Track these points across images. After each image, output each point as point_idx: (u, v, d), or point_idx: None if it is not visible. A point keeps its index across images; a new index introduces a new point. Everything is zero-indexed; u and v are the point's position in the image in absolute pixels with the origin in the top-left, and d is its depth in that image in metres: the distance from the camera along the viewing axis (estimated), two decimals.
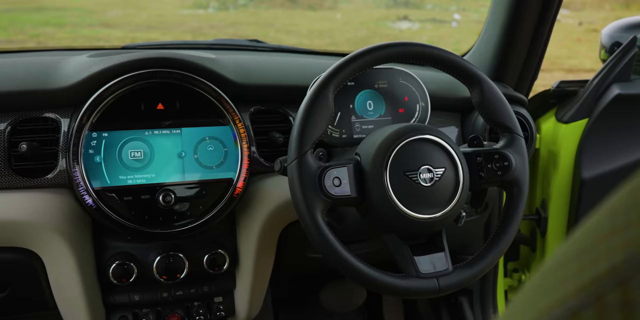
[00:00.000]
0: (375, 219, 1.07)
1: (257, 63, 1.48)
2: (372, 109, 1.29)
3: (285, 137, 1.28)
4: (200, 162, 1.23)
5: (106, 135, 1.17)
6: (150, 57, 1.20)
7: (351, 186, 1.04)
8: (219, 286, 1.36)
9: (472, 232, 1.71)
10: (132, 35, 10.17)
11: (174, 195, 1.20)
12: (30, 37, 9.65)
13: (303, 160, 1.02)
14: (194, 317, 1.34)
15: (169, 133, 1.21)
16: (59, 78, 1.21)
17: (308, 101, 1.06)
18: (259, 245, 1.30)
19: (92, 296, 1.25)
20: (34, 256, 1.22)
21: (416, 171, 1.05)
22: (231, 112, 1.24)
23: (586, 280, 0.26)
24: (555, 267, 0.29)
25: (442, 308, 1.99)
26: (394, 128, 1.09)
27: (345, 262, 1.01)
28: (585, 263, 0.27)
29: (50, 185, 1.18)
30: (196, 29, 11.37)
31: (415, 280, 1.05)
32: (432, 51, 1.14)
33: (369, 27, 12.09)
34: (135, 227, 1.18)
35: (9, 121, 1.17)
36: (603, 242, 0.27)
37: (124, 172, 1.18)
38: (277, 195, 1.26)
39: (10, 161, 1.16)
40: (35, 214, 1.15)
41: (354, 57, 1.09)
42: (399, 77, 1.31)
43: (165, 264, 1.23)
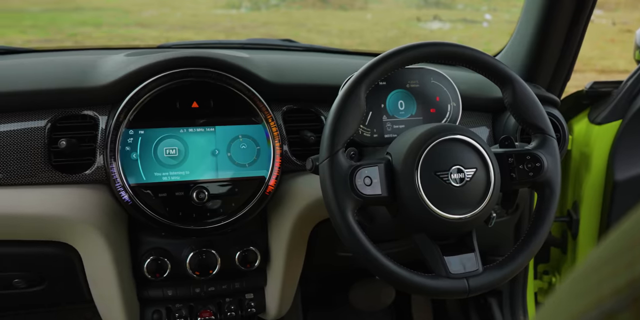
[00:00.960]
0: (405, 219, 1.06)
1: (290, 62, 1.48)
2: (404, 108, 1.28)
3: (316, 136, 1.29)
4: (233, 160, 1.23)
5: (142, 132, 1.19)
6: (186, 56, 1.21)
7: (382, 186, 1.03)
8: (250, 283, 1.36)
9: (502, 233, 1.69)
10: (166, 35, 10.28)
11: (208, 192, 1.21)
12: (68, 37, 9.82)
13: (335, 159, 1.02)
14: (225, 312, 1.35)
15: (203, 131, 1.22)
16: (97, 76, 1.23)
17: (340, 100, 1.06)
18: (290, 243, 1.31)
19: (127, 290, 1.27)
20: (72, 250, 1.24)
21: (447, 171, 1.04)
22: (264, 111, 1.24)
23: (622, 283, 0.26)
24: (589, 270, 0.29)
25: (471, 309, 1.97)
26: (425, 128, 1.08)
27: (375, 261, 1.01)
28: (620, 266, 0.26)
29: (88, 181, 1.20)
30: (229, 28, 11.45)
31: (445, 280, 1.04)
32: (464, 51, 1.12)
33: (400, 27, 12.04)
34: (169, 224, 1.19)
35: (49, 118, 1.20)
36: (638, 246, 0.26)
37: (159, 169, 1.20)
38: (309, 193, 1.27)
39: (50, 157, 1.19)
40: (73, 209, 1.17)
41: (386, 57, 1.09)
42: (430, 77, 1.30)
43: (198, 260, 1.25)
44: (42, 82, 1.23)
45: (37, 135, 1.18)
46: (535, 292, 1.95)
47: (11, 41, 8.79)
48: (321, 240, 1.39)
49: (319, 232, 1.35)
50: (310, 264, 1.41)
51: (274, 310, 1.40)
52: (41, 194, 1.17)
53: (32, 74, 1.28)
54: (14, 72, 1.29)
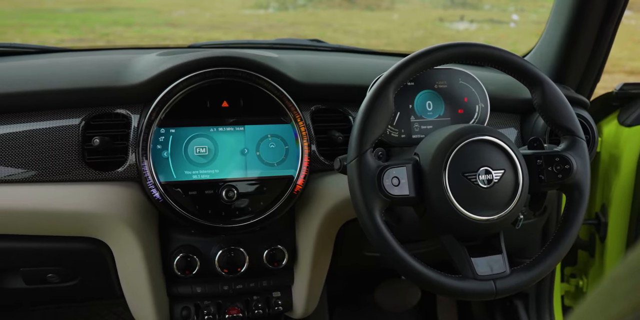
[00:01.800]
0: (432, 220, 1.06)
1: (318, 62, 1.48)
2: (432, 109, 1.27)
3: (344, 136, 1.28)
4: (262, 159, 1.24)
5: (173, 131, 1.20)
6: (217, 56, 1.22)
7: (410, 186, 1.03)
8: (278, 281, 1.37)
9: (529, 235, 1.67)
10: (195, 35, 10.36)
11: (237, 190, 1.22)
12: (100, 36, 9.94)
13: (363, 159, 1.02)
14: (252, 310, 1.35)
15: (233, 130, 1.23)
16: (130, 75, 1.24)
17: (369, 101, 1.05)
18: (317, 242, 1.31)
19: (157, 286, 1.28)
20: (104, 246, 1.25)
21: (475, 172, 1.03)
22: (293, 111, 1.24)
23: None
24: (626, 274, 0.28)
25: (497, 311, 1.95)
26: (453, 129, 1.08)
27: (403, 261, 1.00)
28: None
29: (120, 178, 1.21)
30: (256, 28, 11.50)
31: (472, 282, 1.03)
32: (492, 52, 1.11)
33: (426, 28, 11.97)
34: (199, 221, 1.20)
35: (83, 116, 1.21)
36: None
37: (189, 167, 1.20)
38: (336, 193, 1.26)
39: (84, 155, 1.20)
40: (106, 206, 1.18)
41: (415, 58, 1.08)
42: (458, 78, 1.29)
43: (226, 257, 1.25)
44: (76, 80, 1.24)
45: (72, 132, 1.19)
46: (562, 295, 1.92)
47: (45, 40, 8.93)
48: (348, 239, 1.38)
49: (345, 231, 1.35)
50: (336, 263, 1.41)
51: (301, 309, 1.40)
52: (75, 190, 1.19)
53: (67, 72, 1.29)
54: (49, 70, 1.31)
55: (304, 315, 1.42)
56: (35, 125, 1.20)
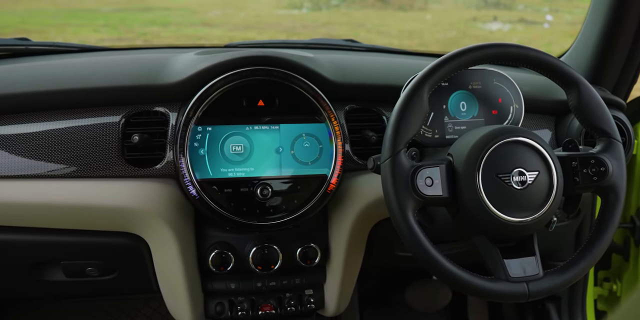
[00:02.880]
0: (465, 220, 1.05)
1: (353, 62, 1.48)
2: (465, 109, 1.26)
3: (378, 136, 1.28)
4: (297, 158, 1.24)
5: (210, 129, 1.21)
6: (253, 55, 1.23)
7: (443, 186, 1.02)
8: (310, 279, 1.37)
9: (563, 238, 1.64)
10: (230, 34, 10.42)
11: (271, 189, 1.22)
12: (138, 36, 10.06)
13: (396, 159, 1.01)
14: (285, 307, 1.36)
15: (268, 129, 1.23)
16: (168, 74, 1.26)
17: (403, 101, 1.05)
18: (350, 241, 1.31)
19: (192, 282, 1.29)
20: (142, 241, 1.27)
21: (509, 174, 1.02)
22: (327, 110, 1.24)
23: None
24: None
25: (528, 313, 1.93)
26: (487, 129, 1.07)
27: (435, 261, 1.00)
28: None
29: (158, 175, 1.22)
30: (290, 28, 11.51)
31: (505, 283, 1.02)
32: (528, 52, 1.10)
33: (459, 28, 11.85)
34: (234, 218, 1.21)
35: (123, 114, 1.23)
36: None
37: (225, 165, 1.21)
38: (369, 192, 1.26)
39: (124, 151, 1.22)
40: (144, 202, 1.20)
41: (450, 58, 1.07)
42: (493, 79, 1.28)
43: (260, 255, 1.26)
44: (117, 79, 1.26)
45: (112, 130, 1.21)
46: (595, 299, 1.89)
47: (85, 39, 9.08)
48: (380, 239, 1.38)
49: (378, 231, 1.34)
50: (368, 262, 1.40)
51: (333, 307, 1.40)
52: (114, 186, 1.20)
53: (108, 71, 1.31)
54: (91, 69, 1.34)
55: (336, 314, 1.42)
56: (77, 122, 1.22)
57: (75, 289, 1.43)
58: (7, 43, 1.59)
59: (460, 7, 15.27)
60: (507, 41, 1.12)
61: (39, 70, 1.34)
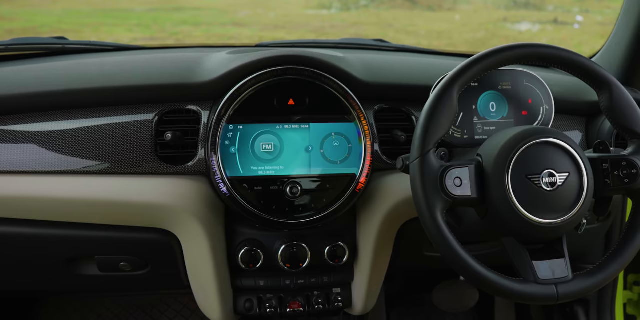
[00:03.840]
0: (494, 221, 1.04)
1: (383, 62, 1.48)
2: (495, 110, 1.25)
3: (407, 136, 1.27)
4: (326, 157, 1.24)
5: (241, 127, 1.21)
6: (284, 55, 1.23)
7: (472, 187, 1.01)
8: (338, 278, 1.37)
9: (592, 240, 1.62)
10: (259, 34, 10.46)
11: (300, 187, 1.22)
12: (170, 35, 10.16)
13: (425, 159, 1.01)
14: (313, 305, 1.36)
15: (298, 128, 1.24)
16: (201, 73, 1.27)
17: (433, 101, 1.04)
18: (378, 240, 1.30)
19: (222, 278, 1.30)
20: (173, 237, 1.29)
21: (539, 175, 1.01)
22: (357, 110, 1.24)
23: None
24: None
25: (556, 316, 1.90)
26: (517, 130, 1.05)
27: (463, 262, 0.99)
28: None
29: (190, 172, 1.23)
30: (319, 28, 11.51)
31: (533, 285, 1.01)
32: (560, 53, 1.09)
33: (488, 29, 11.72)
34: (264, 216, 1.21)
35: (156, 112, 1.24)
36: None
37: (255, 163, 1.22)
38: (398, 192, 1.26)
39: (157, 149, 1.23)
40: (176, 198, 1.21)
41: (480, 58, 1.06)
42: (523, 79, 1.27)
43: (289, 252, 1.26)
44: (151, 77, 1.28)
45: (146, 127, 1.23)
46: (624, 303, 1.85)
47: (119, 39, 9.19)
48: (408, 239, 1.37)
49: (405, 231, 1.34)
50: (395, 262, 1.40)
51: (360, 306, 1.39)
52: (147, 183, 1.22)
53: (142, 70, 1.33)
54: (126, 67, 1.35)
55: (363, 313, 1.41)
56: (112, 120, 1.24)
57: (109, 284, 1.45)
58: (46, 42, 1.62)
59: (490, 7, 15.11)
60: (537, 42, 1.11)
61: (75, 69, 1.37)
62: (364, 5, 15.16)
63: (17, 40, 1.60)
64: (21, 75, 1.34)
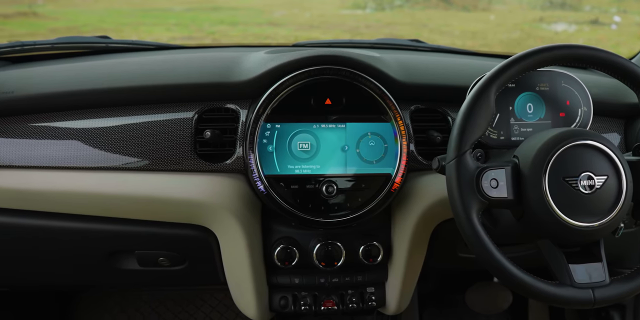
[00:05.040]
0: (530, 224, 1.02)
1: (419, 62, 1.47)
2: (532, 111, 1.24)
3: (443, 136, 1.26)
4: (362, 157, 1.24)
5: (279, 126, 1.22)
6: (322, 55, 1.23)
7: (508, 188, 1.00)
8: (372, 277, 1.36)
9: (630, 244, 1.58)
10: (295, 34, 10.48)
11: (336, 186, 1.22)
12: (207, 34, 10.25)
13: (462, 160, 1.00)
14: (347, 304, 1.35)
15: (335, 127, 1.23)
16: (240, 72, 1.27)
17: (470, 101, 1.03)
18: (412, 240, 1.30)
19: (258, 275, 1.31)
20: (211, 234, 1.30)
21: (576, 177, 0.99)
22: (393, 110, 1.23)
23: None
24: None
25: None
26: (555, 132, 1.04)
27: (499, 264, 0.98)
28: None
29: (228, 170, 1.24)
30: (353, 28, 11.49)
31: (569, 289, 0.99)
32: (599, 54, 1.07)
33: (523, 29, 11.55)
34: (299, 214, 1.21)
35: (196, 110, 1.26)
36: None
37: (292, 162, 1.22)
38: (433, 192, 1.25)
39: (196, 146, 1.24)
40: (214, 195, 1.22)
41: (518, 59, 1.05)
42: (561, 80, 1.25)
43: (324, 251, 1.26)
44: (191, 76, 1.29)
45: (186, 125, 1.24)
46: None
47: (158, 38, 9.30)
48: (442, 239, 1.36)
49: (440, 231, 1.33)
50: (429, 262, 1.39)
51: (394, 306, 1.38)
52: (186, 180, 1.23)
53: (182, 69, 1.34)
54: (167, 66, 1.37)
55: (396, 312, 1.41)
56: (153, 118, 1.25)
57: (147, 278, 1.47)
58: (89, 41, 1.65)
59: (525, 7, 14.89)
60: (573, 42, 1.09)
61: (118, 67, 1.39)
62: (399, 5, 15.08)
63: (62, 39, 1.63)
64: (66, 73, 1.36)
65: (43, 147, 1.25)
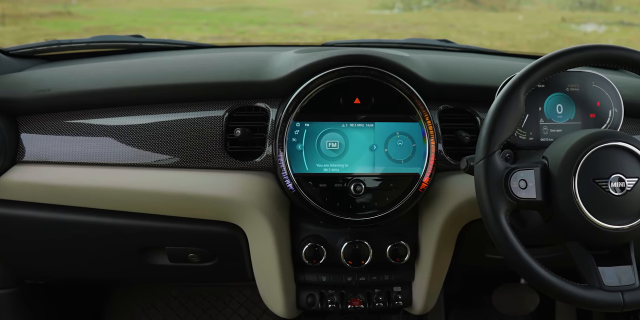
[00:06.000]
0: (559, 225, 1.01)
1: (448, 62, 1.46)
2: (562, 112, 1.22)
3: (471, 137, 1.25)
4: (390, 156, 1.23)
5: (308, 125, 1.22)
6: (351, 54, 1.22)
7: (537, 189, 0.99)
8: (399, 276, 1.35)
9: None
10: (323, 34, 10.47)
11: (364, 185, 1.22)
12: (236, 34, 10.29)
13: (490, 161, 0.99)
14: (373, 303, 1.35)
15: (363, 126, 1.23)
16: (270, 71, 1.28)
17: (499, 102, 1.02)
18: (440, 241, 1.29)
19: (286, 272, 1.31)
20: (240, 231, 1.30)
21: (607, 179, 0.98)
22: (422, 109, 1.22)
23: None
24: None
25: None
26: (585, 133, 1.02)
27: (527, 265, 0.97)
28: None
29: (257, 168, 1.25)
30: (381, 28, 11.44)
31: (598, 291, 0.97)
32: (632, 55, 1.05)
33: (552, 29, 11.38)
34: (328, 213, 1.21)
35: (227, 108, 1.26)
36: None
37: (320, 160, 1.22)
38: (461, 193, 1.24)
39: (226, 144, 1.25)
40: (244, 193, 1.23)
41: (549, 59, 1.04)
42: (591, 81, 1.23)
43: (351, 250, 1.26)
44: (223, 75, 1.30)
45: (217, 123, 1.25)
46: None
47: (188, 37, 9.35)
48: (469, 240, 1.35)
49: (467, 232, 1.32)
50: (456, 263, 1.38)
51: (420, 305, 1.38)
52: (216, 177, 1.24)
53: (214, 67, 1.35)
54: (198, 65, 1.38)
55: (423, 312, 1.40)
56: (185, 115, 1.26)
57: (177, 274, 1.48)
58: (124, 40, 1.68)
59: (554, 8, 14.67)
60: (603, 43, 1.07)
61: (151, 66, 1.40)
62: (426, 6, 14.97)
63: (97, 38, 1.66)
64: (101, 72, 1.38)
65: (78, 143, 1.27)
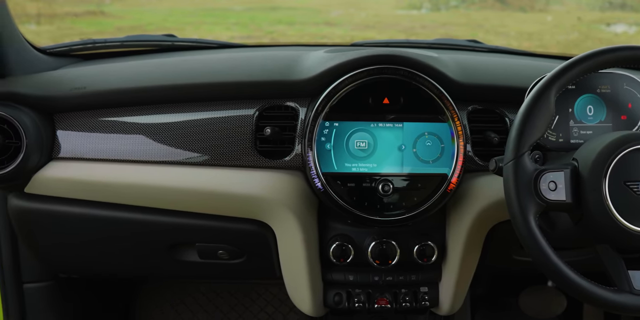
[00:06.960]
0: (588, 228, 0.99)
1: (477, 63, 1.44)
2: (592, 114, 1.20)
3: (500, 137, 1.24)
4: (418, 156, 1.22)
5: (337, 124, 1.22)
6: (381, 54, 1.22)
7: (567, 191, 0.97)
8: (426, 276, 1.34)
9: None
10: (350, 34, 10.45)
11: (392, 185, 1.21)
12: (265, 34, 10.32)
13: (520, 162, 0.98)
14: (400, 303, 1.34)
15: (392, 126, 1.23)
16: (300, 71, 1.28)
17: (529, 103, 1.01)
18: (467, 241, 1.27)
19: (313, 271, 1.31)
20: (269, 229, 1.31)
21: (638, 182, 0.97)
22: (451, 110, 1.22)
23: None
24: None
25: None
26: (616, 135, 1.01)
27: (555, 268, 0.95)
28: None
29: (286, 167, 1.25)
30: (408, 28, 11.37)
31: (629, 295, 0.96)
32: None
33: (581, 30, 11.20)
34: (356, 212, 1.21)
35: (257, 107, 1.27)
36: None
37: (349, 160, 1.22)
38: (489, 194, 1.22)
39: (256, 143, 1.26)
40: (273, 191, 1.23)
41: (580, 60, 1.02)
42: (623, 83, 1.21)
43: (379, 249, 1.25)
44: (253, 74, 1.31)
45: (247, 122, 1.25)
46: None
47: (218, 36, 9.41)
48: (497, 241, 1.34)
49: (495, 233, 1.30)
50: (483, 264, 1.36)
51: (447, 306, 1.37)
52: (245, 175, 1.25)
53: (245, 67, 1.36)
54: (230, 64, 1.39)
55: (449, 313, 1.38)
56: (216, 114, 1.27)
57: (206, 270, 1.49)
58: (156, 39, 1.70)
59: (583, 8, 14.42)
60: (634, 44, 1.05)
61: (183, 65, 1.41)
62: (454, 6, 14.84)
63: (130, 37, 1.68)
64: (134, 70, 1.39)
65: (111, 140, 1.28)
